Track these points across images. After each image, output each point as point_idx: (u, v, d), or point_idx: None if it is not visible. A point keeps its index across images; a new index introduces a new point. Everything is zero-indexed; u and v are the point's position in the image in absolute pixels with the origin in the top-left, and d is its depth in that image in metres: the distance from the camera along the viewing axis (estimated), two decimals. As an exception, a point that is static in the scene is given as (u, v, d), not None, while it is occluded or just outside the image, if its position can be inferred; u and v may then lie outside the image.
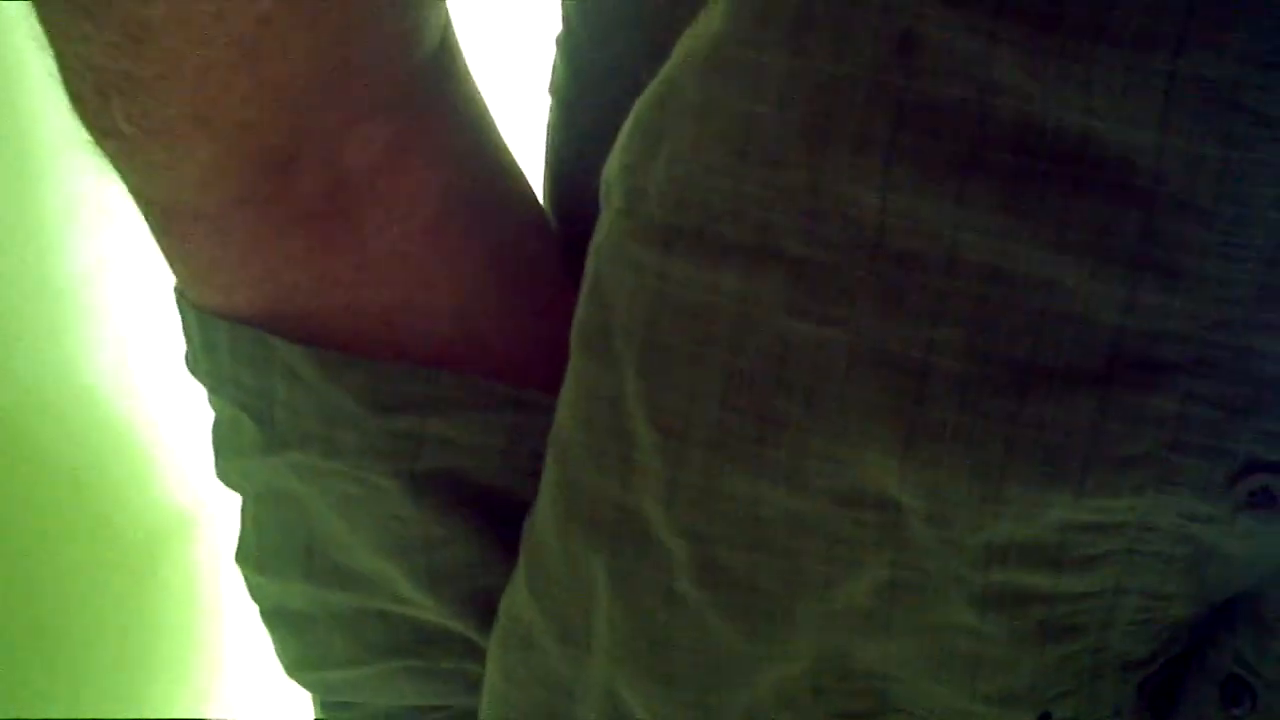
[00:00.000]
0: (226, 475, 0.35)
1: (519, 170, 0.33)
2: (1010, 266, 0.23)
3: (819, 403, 0.25)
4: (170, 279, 0.32)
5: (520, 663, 0.31)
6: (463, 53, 0.32)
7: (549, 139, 0.38)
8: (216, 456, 0.35)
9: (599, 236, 0.28)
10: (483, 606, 0.32)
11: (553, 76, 0.37)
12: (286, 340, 0.30)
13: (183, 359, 0.33)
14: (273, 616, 0.36)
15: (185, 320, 0.32)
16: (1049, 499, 0.24)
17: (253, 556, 0.35)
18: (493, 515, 0.32)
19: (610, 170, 0.28)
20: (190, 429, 0.80)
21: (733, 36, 0.24)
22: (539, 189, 0.37)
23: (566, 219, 0.36)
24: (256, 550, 0.35)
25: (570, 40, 0.36)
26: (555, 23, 0.37)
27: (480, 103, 0.32)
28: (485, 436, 0.31)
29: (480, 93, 0.32)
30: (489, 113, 0.33)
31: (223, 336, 0.31)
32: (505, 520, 0.32)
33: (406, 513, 0.32)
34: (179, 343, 0.33)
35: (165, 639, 0.85)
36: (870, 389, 0.24)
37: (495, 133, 0.33)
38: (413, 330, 0.31)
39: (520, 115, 0.46)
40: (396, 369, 0.30)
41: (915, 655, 0.27)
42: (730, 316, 0.25)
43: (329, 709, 0.37)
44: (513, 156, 0.33)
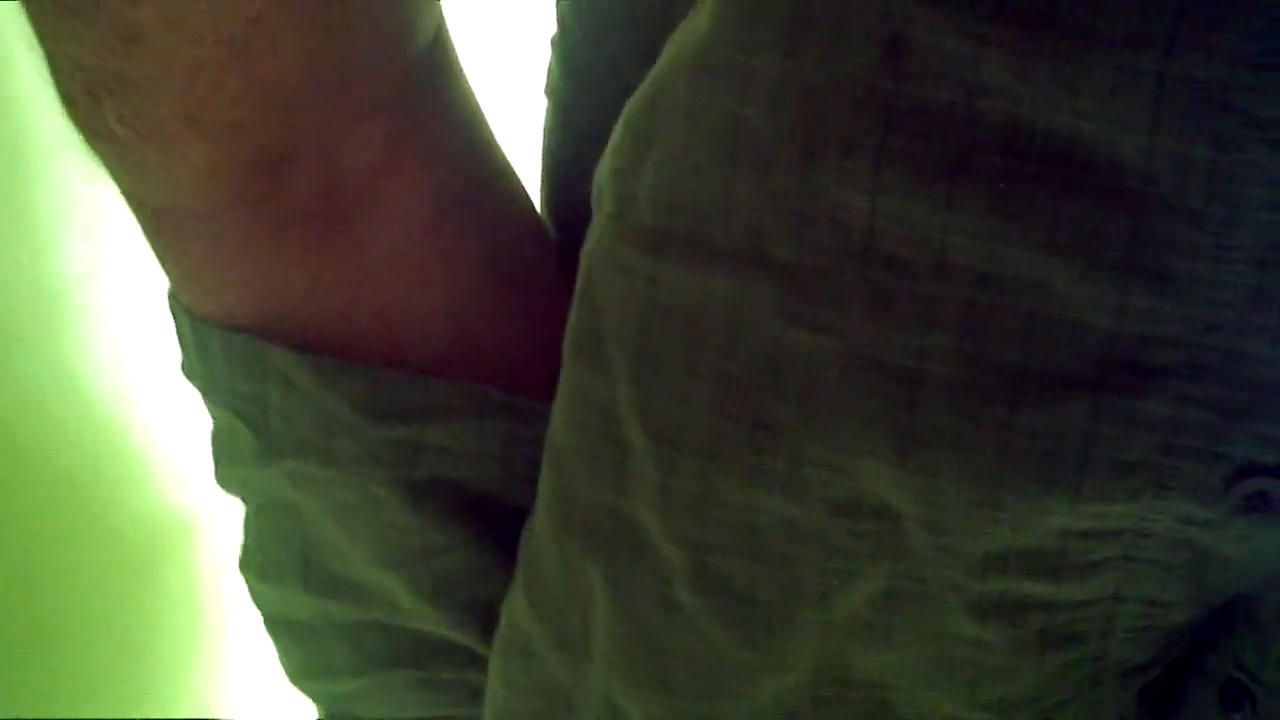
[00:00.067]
0: (226, 482, 0.35)
1: (513, 172, 0.33)
2: (1000, 270, 0.23)
3: (812, 409, 0.25)
4: (165, 282, 0.32)
5: (520, 671, 0.31)
6: (456, 51, 0.32)
7: (545, 141, 0.38)
8: (215, 463, 0.34)
9: (590, 241, 0.28)
10: (483, 615, 0.32)
11: (548, 78, 0.37)
12: (281, 346, 0.30)
13: (178, 365, 0.33)
14: (275, 625, 0.36)
15: (179, 326, 0.32)
16: (1045, 505, 0.24)
17: (254, 564, 0.35)
18: (491, 523, 0.32)
19: (601, 174, 0.28)
20: (188, 432, 0.80)
21: (721, 39, 0.24)
22: (535, 191, 0.37)
23: (563, 222, 0.36)
24: (257, 558, 0.35)
25: (565, 41, 0.36)
26: (550, 23, 0.37)
27: (474, 103, 0.32)
28: (482, 444, 0.31)
29: (473, 93, 0.32)
30: (482, 113, 0.32)
31: (217, 343, 0.31)
32: (504, 527, 0.32)
33: (405, 522, 0.31)
34: (175, 346, 0.33)
35: (166, 643, 0.85)
36: (863, 395, 0.24)
37: (489, 134, 0.33)
38: (408, 334, 0.31)
39: (516, 117, 0.46)
40: (393, 376, 0.30)
41: (915, 664, 0.27)
42: (721, 322, 0.25)
43: (333, 719, 0.37)
44: (507, 159, 0.33)
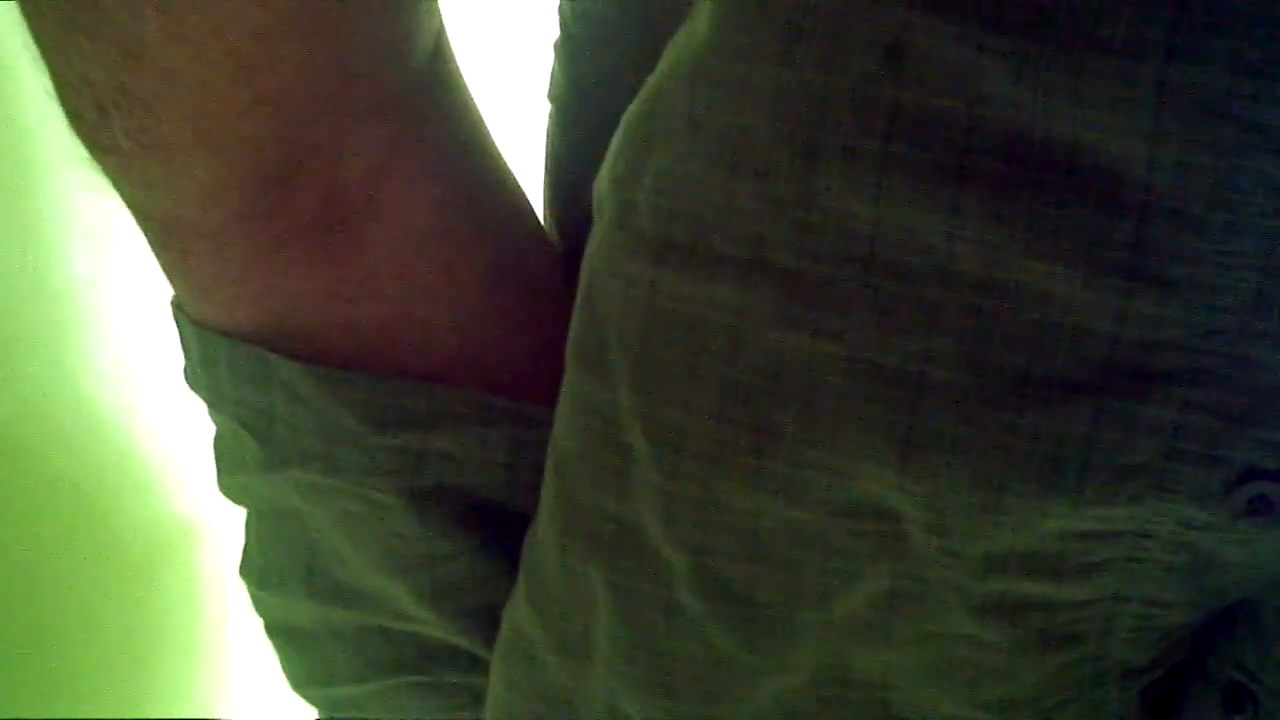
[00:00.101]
0: (229, 490, 0.35)
1: (515, 181, 0.33)
2: (1003, 277, 0.23)
3: (815, 415, 0.25)
4: (169, 290, 0.32)
5: (522, 675, 0.31)
6: (457, 61, 0.32)
7: (548, 146, 0.38)
8: (218, 471, 0.35)
9: (591, 248, 0.28)
10: (486, 621, 0.32)
11: (550, 83, 0.37)
12: (286, 357, 0.30)
13: (181, 373, 0.33)
14: (277, 632, 0.36)
15: (183, 335, 0.32)
16: (1047, 509, 0.24)
17: (255, 571, 0.35)
18: (495, 530, 0.32)
19: (601, 181, 0.28)
20: (191, 439, 0.80)
21: (720, 48, 0.24)
22: (538, 197, 0.37)
23: (565, 228, 0.36)
24: (259, 566, 0.35)
25: (568, 46, 0.36)
26: (553, 28, 0.37)
27: (476, 113, 0.32)
28: (486, 451, 0.31)
29: (475, 103, 0.32)
30: (485, 124, 0.32)
31: (221, 353, 0.31)
32: (508, 534, 0.32)
33: (408, 530, 0.31)
34: (180, 354, 0.33)
35: (168, 649, 0.85)
36: (865, 400, 0.24)
37: (491, 144, 0.33)
38: (413, 344, 0.31)
39: (518, 122, 0.46)
40: (396, 384, 0.30)
41: (916, 665, 0.27)
42: (724, 329, 0.25)
43: (336, 726, 0.37)
44: (509, 168, 0.33)
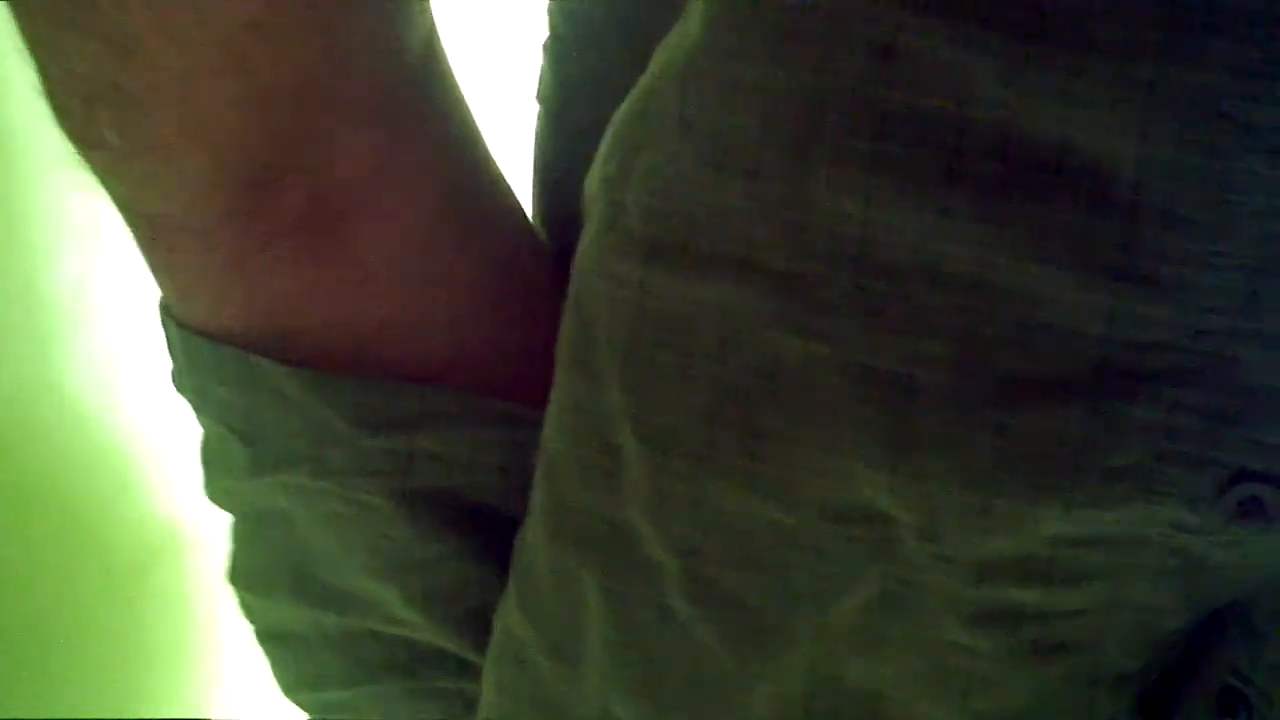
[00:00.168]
0: (215, 496, 0.34)
1: (505, 182, 0.33)
2: (992, 277, 0.23)
3: (806, 416, 0.25)
4: (157, 292, 0.32)
5: (514, 679, 0.31)
6: (448, 61, 0.32)
7: (536, 147, 0.38)
8: (205, 475, 0.34)
9: (580, 249, 0.28)
10: (477, 624, 0.32)
11: (539, 84, 0.37)
12: (273, 360, 0.30)
13: (169, 376, 0.33)
14: (266, 637, 0.36)
15: (170, 337, 0.32)
16: (1038, 512, 0.24)
17: (243, 576, 0.35)
18: (487, 533, 0.32)
19: (591, 182, 0.28)
20: (179, 442, 0.80)
21: (711, 48, 0.24)
22: (527, 197, 0.37)
23: (556, 229, 0.36)
24: (246, 570, 0.34)
25: (556, 47, 0.36)
26: (542, 29, 0.37)
27: (467, 113, 0.32)
28: (477, 452, 0.31)
29: (466, 103, 0.32)
30: (476, 124, 0.32)
31: (208, 356, 0.31)
32: (500, 538, 0.32)
33: (398, 532, 0.31)
34: (167, 356, 0.33)
35: (157, 654, 0.84)
36: (855, 402, 0.24)
37: (482, 144, 0.33)
38: (404, 346, 0.30)
39: (508, 123, 0.46)
40: (385, 385, 0.30)
41: (908, 673, 0.27)
42: (713, 329, 0.25)
43: (326, 731, 0.37)
44: (500, 169, 0.33)
